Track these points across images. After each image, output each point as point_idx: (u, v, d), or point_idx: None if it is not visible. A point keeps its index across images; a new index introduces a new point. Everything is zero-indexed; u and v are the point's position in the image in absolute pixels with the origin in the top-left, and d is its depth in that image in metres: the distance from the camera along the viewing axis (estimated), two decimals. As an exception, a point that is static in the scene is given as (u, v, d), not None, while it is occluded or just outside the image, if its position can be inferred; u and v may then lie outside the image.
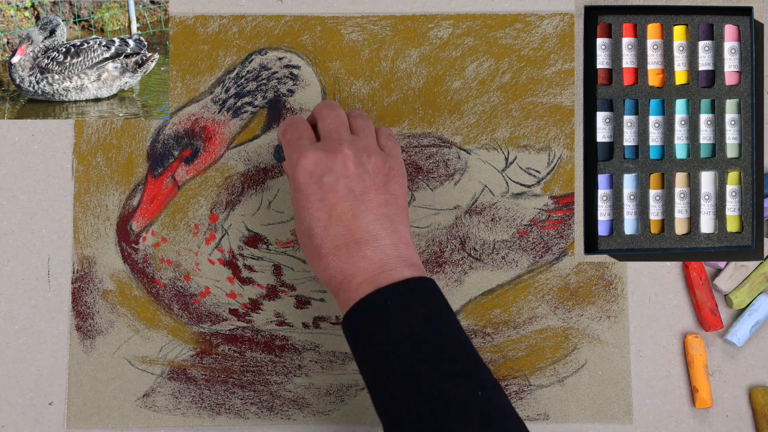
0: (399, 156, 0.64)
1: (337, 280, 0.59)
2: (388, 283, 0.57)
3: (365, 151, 0.61)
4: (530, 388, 0.72)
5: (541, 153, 0.75)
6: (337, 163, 0.60)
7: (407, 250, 0.60)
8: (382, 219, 0.60)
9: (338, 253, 0.59)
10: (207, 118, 0.75)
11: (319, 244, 0.60)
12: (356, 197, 0.60)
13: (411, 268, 0.59)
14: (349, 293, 0.58)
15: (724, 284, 0.73)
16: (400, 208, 0.61)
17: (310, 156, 0.60)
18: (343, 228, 0.59)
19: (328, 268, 0.59)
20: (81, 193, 0.74)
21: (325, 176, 0.60)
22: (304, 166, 0.60)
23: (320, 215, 0.60)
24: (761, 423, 0.71)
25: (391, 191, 0.61)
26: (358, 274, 0.58)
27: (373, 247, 0.59)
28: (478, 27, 0.76)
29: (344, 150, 0.60)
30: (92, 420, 0.71)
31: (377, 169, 0.61)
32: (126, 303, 0.73)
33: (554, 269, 0.73)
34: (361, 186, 0.60)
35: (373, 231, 0.59)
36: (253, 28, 0.76)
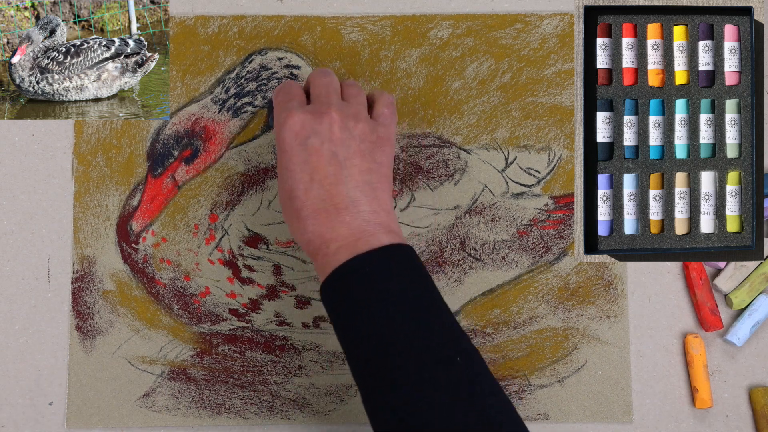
0: (391, 125, 0.64)
1: (315, 244, 0.59)
2: (366, 249, 0.57)
3: (353, 117, 0.61)
4: (530, 388, 0.72)
5: (541, 153, 0.75)
6: (323, 126, 0.60)
7: (387, 218, 0.60)
8: (363, 186, 0.60)
9: (317, 216, 0.59)
10: (207, 118, 0.75)
11: (299, 207, 0.60)
12: (339, 162, 0.60)
13: (389, 235, 0.59)
14: (327, 258, 0.58)
15: (724, 284, 0.73)
16: (383, 176, 0.61)
17: (296, 117, 0.60)
18: (323, 192, 0.59)
19: (306, 231, 0.59)
20: (81, 193, 0.74)
21: (309, 138, 0.60)
22: (290, 126, 0.60)
23: (302, 177, 0.60)
24: (761, 423, 0.71)
25: (376, 159, 0.61)
26: (336, 240, 0.58)
27: (352, 213, 0.59)
28: (478, 27, 0.76)
29: (331, 114, 0.60)
30: (92, 420, 0.71)
31: (363, 136, 0.61)
32: (126, 303, 0.73)
33: (554, 269, 0.73)
34: (345, 151, 0.60)
35: (354, 197, 0.59)
36: (253, 29, 0.76)
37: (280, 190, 0.62)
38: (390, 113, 0.64)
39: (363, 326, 0.56)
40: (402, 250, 0.58)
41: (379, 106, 0.64)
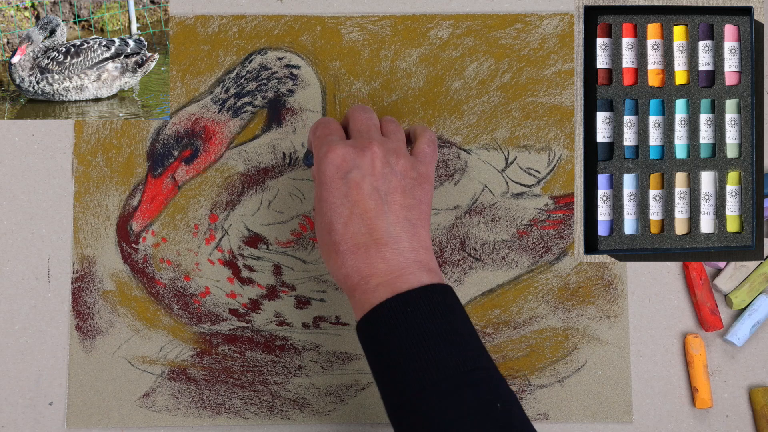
0: (431, 164, 0.63)
1: (353, 280, 0.58)
2: (406, 288, 0.56)
3: (395, 152, 0.61)
4: (530, 388, 0.72)
5: (541, 153, 0.75)
6: (365, 160, 0.59)
7: (426, 255, 0.59)
8: (403, 222, 0.59)
9: (356, 251, 0.58)
10: (207, 118, 0.75)
11: (338, 240, 0.59)
12: (380, 197, 0.59)
13: (429, 274, 0.58)
14: (366, 295, 0.58)
15: (724, 284, 0.73)
16: (423, 213, 0.61)
17: (338, 150, 0.60)
18: (363, 226, 0.58)
19: (345, 266, 0.59)
20: (81, 193, 0.74)
21: (351, 171, 0.59)
22: (332, 160, 0.59)
23: (342, 210, 0.59)
24: (761, 423, 0.71)
25: (416, 196, 0.60)
26: (375, 276, 0.57)
27: (392, 249, 0.58)
28: (478, 27, 0.76)
29: (373, 148, 0.60)
30: (92, 420, 0.71)
31: (404, 172, 0.60)
32: (126, 303, 0.73)
33: (554, 269, 0.73)
34: (387, 186, 0.59)
35: (394, 233, 0.59)
36: (253, 28, 0.76)
37: (317, 224, 0.61)
38: (431, 151, 0.64)
39: (400, 367, 0.55)
40: (442, 290, 0.58)
41: (420, 143, 0.64)
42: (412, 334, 0.55)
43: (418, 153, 0.63)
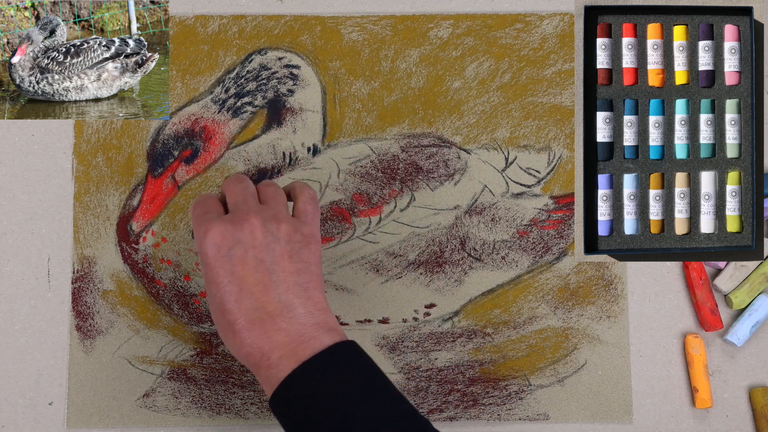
0: (314, 222, 0.62)
1: (255, 357, 0.57)
2: (309, 354, 0.55)
3: (274, 219, 0.59)
4: (530, 388, 0.72)
5: (541, 153, 0.75)
6: (244, 233, 0.58)
7: (324, 316, 0.58)
8: (295, 288, 0.58)
9: (252, 328, 0.57)
10: (207, 118, 0.75)
11: (232, 320, 0.57)
12: (267, 268, 0.58)
13: (330, 333, 0.57)
14: (270, 370, 0.56)
15: (724, 284, 0.73)
16: (313, 275, 0.59)
17: (216, 228, 0.58)
18: (255, 301, 0.57)
19: (244, 345, 0.57)
20: (81, 193, 0.74)
21: (233, 248, 0.58)
22: (211, 239, 0.58)
23: (231, 289, 0.57)
24: (761, 423, 0.71)
25: (303, 259, 0.59)
26: (276, 349, 0.56)
27: (287, 318, 0.57)
28: (478, 27, 0.76)
29: (251, 220, 0.58)
30: (92, 420, 0.71)
31: (288, 237, 0.59)
32: (126, 303, 0.73)
33: (554, 269, 0.73)
34: (271, 256, 0.58)
35: (287, 301, 0.57)
36: (253, 28, 0.76)
37: (210, 306, 0.59)
38: (312, 209, 0.62)
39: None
40: (346, 347, 0.57)
41: (300, 203, 0.62)
42: (327, 400, 0.54)
43: (300, 213, 0.61)
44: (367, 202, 0.74)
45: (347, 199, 0.74)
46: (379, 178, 0.74)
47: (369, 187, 0.74)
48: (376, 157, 0.74)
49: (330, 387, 0.54)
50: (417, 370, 0.72)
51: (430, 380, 0.72)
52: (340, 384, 0.55)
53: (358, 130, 0.75)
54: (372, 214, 0.74)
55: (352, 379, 0.55)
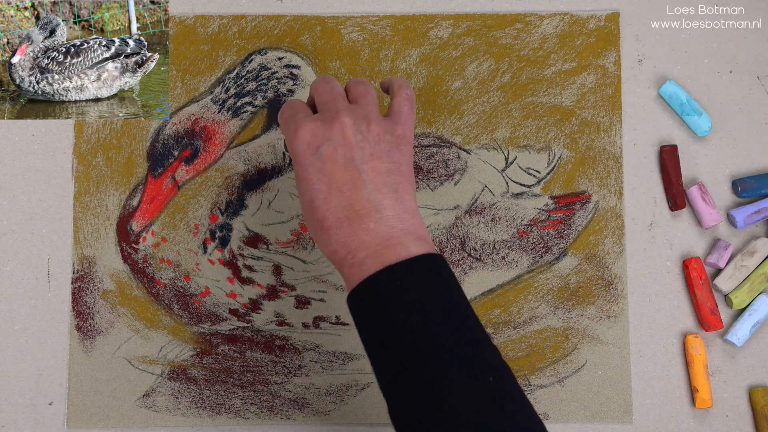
0: (408, 123, 0.61)
1: (340, 255, 0.57)
2: (395, 260, 0.55)
3: (365, 119, 0.59)
4: (530, 388, 0.72)
5: (541, 153, 0.75)
6: (334, 131, 0.58)
7: (413, 222, 0.58)
8: (384, 188, 0.58)
9: (340, 225, 0.57)
10: (207, 118, 0.75)
11: (320, 218, 0.58)
12: (356, 167, 0.57)
13: (417, 242, 0.57)
14: (353, 269, 0.56)
15: (724, 284, 0.73)
16: (404, 175, 0.59)
17: (306, 126, 0.58)
18: (344, 199, 0.57)
19: (331, 242, 0.57)
20: (81, 193, 0.74)
21: (322, 146, 0.58)
22: (301, 137, 0.58)
23: (320, 187, 0.58)
24: (761, 423, 0.71)
25: (394, 159, 0.59)
26: (361, 248, 0.56)
27: (376, 218, 0.57)
28: (478, 27, 0.76)
29: (341, 118, 0.58)
30: (92, 420, 0.71)
31: (378, 137, 0.59)
32: (126, 303, 0.73)
33: (554, 269, 0.73)
34: (361, 155, 0.58)
35: (376, 201, 0.57)
36: (253, 28, 0.76)
37: (301, 203, 0.60)
38: (408, 110, 0.61)
39: (393, 342, 0.54)
40: (432, 260, 0.56)
41: (396, 102, 0.61)
42: (404, 308, 0.54)
43: (394, 113, 0.61)
44: (367, 202, 0.74)
45: (347, 199, 0.74)
46: (379, 178, 0.74)
47: (369, 187, 0.74)
48: (376, 157, 0.74)
49: (409, 296, 0.54)
50: (417, 370, 0.72)
51: (430, 380, 0.72)
52: (420, 295, 0.54)
53: (358, 130, 0.75)
54: (372, 214, 0.74)
55: (431, 292, 0.55)
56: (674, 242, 0.74)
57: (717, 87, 0.76)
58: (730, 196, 0.75)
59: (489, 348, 0.55)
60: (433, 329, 0.54)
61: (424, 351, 0.53)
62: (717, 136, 0.75)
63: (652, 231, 0.74)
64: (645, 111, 0.76)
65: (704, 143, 0.75)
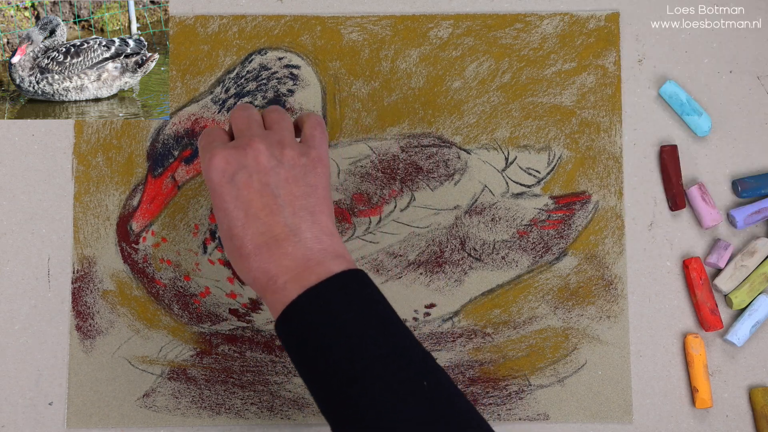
0: (321, 146, 0.61)
1: (262, 282, 0.57)
2: (315, 280, 0.55)
3: (279, 144, 0.59)
4: (530, 388, 0.72)
5: (541, 153, 0.75)
6: (248, 158, 0.58)
7: (331, 242, 0.58)
8: (300, 212, 0.58)
9: (259, 252, 0.57)
10: (207, 118, 0.75)
11: (239, 245, 0.57)
12: (271, 192, 0.58)
13: (337, 261, 0.57)
14: (276, 295, 0.56)
15: (724, 284, 0.73)
16: (320, 198, 0.59)
17: (220, 154, 0.58)
18: (261, 225, 0.57)
19: (252, 269, 0.57)
20: (81, 193, 0.74)
21: (237, 173, 0.58)
22: (216, 165, 0.58)
23: (237, 214, 0.58)
24: (761, 423, 0.71)
25: (310, 182, 0.59)
26: (282, 274, 0.56)
27: (294, 242, 0.57)
28: (478, 27, 0.76)
29: (255, 145, 0.58)
30: (92, 420, 0.71)
31: (293, 161, 0.59)
32: (126, 303, 0.73)
33: (554, 269, 0.73)
34: (276, 179, 0.58)
35: (293, 225, 0.57)
36: (253, 28, 0.76)
37: (219, 232, 0.59)
38: (320, 133, 0.62)
39: (323, 363, 0.54)
40: (353, 276, 0.56)
41: (307, 128, 0.62)
42: (330, 328, 0.54)
43: (307, 137, 0.61)
44: (367, 202, 0.74)
45: (347, 199, 0.74)
46: (379, 178, 0.74)
47: (369, 187, 0.74)
48: (376, 157, 0.74)
49: (334, 314, 0.54)
50: (417, 370, 0.72)
51: (430, 380, 0.72)
52: (345, 312, 0.54)
53: (358, 130, 0.75)
54: (372, 214, 0.74)
55: (356, 307, 0.55)
56: (674, 242, 0.74)
57: (717, 87, 0.76)
58: (730, 196, 0.75)
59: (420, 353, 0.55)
60: (361, 348, 0.54)
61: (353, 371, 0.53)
62: (717, 136, 0.75)
63: (652, 231, 0.74)
64: (645, 111, 0.76)
65: (704, 143, 0.75)
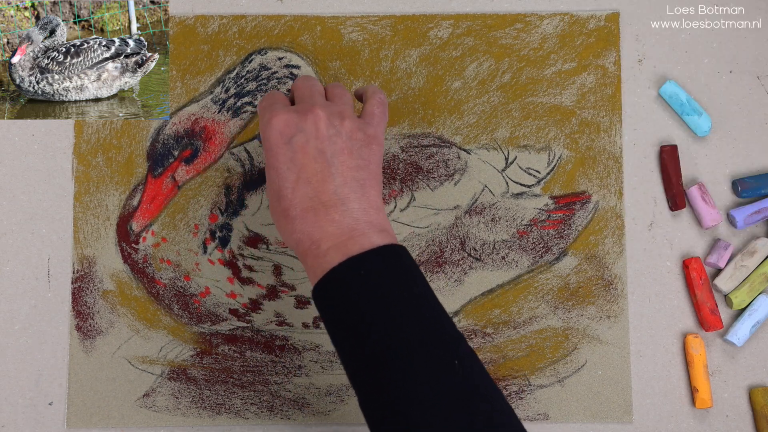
0: (380, 125, 0.62)
1: (305, 245, 0.58)
2: (358, 250, 0.56)
3: (338, 115, 0.60)
4: (530, 388, 0.72)
5: (541, 153, 0.75)
6: (308, 123, 0.59)
7: (377, 216, 0.59)
8: (351, 183, 0.59)
9: (306, 216, 0.58)
10: (207, 118, 0.75)
11: (287, 207, 0.58)
12: (326, 159, 0.59)
13: (381, 234, 0.57)
14: (318, 259, 0.57)
15: (724, 284, 0.73)
16: (371, 173, 0.60)
17: (281, 115, 0.60)
18: (311, 190, 0.58)
19: (296, 231, 0.58)
20: (81, 193, 0.74)
21: (295, 136, 0.59)
22: (275, 125, 0.59)
23: (289, 176, 0.59)
24: (761, 423, 0.71)
25: (364, 156, 0.60)
26: (325, 239, 0.57)
27: (341, 210, 0.58)
28: (478, 27, 0.76)
29: (316, 111, 0.60)
30: (92, 420, 0.71)
31: (350, 133, 0.60)
32: (126, 303, 0.73)
33: (554, 269, 0.73)
34: (332, 148, 0.59)
35: (342, 194, 0.58)
36: (253, 28, 0.76)
37: (268, 191, 0.61)
38: (380, 113, 0.63)
39: (358, 332, 0.55)
40: (395, 251, 0.57)
41: (369, 105, 0.63)
42: (368, 298, 0.55)
43: (367, 114, 0.63)
44: (367, 202, 0.74)
45: (347, 199, 0.74)
46: (379, 178, 0.74)
47: (369, 187, 0.74)
48: (376, 157, 0.74)
49: (373, 285, 0.55)
50: (417, 370, 0.72)
51: (430, 380, 0.72)
52: (382, 285, 0.55)
53: (358, 130, 0.75)
54: (372, 214, 0.74)
55: (394, 281, 0.56)
56: (674, 242, 0.74)
57: (717, 87, 0.76)
58: (730, 196, 0.75)
59: (455, 334, 0.56)
60: (395, 321, 0.54)
61: (386, 343, 0.54)
62: (717, 136, 0.75)
63: (652, 231, 0.74)
64: (645, 111, 0.76)
65: (704, 143, 0.75)
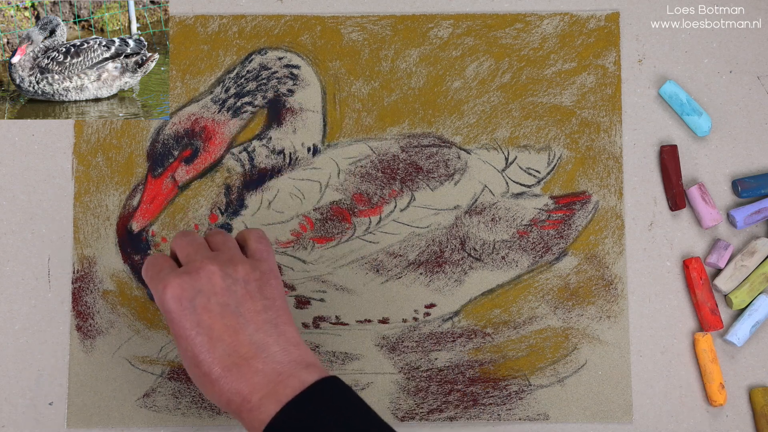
0: (270, 258, 0.61)
1: (236, 402, 0.56)
2: (291, 394, 0.55)
3: (230, 262, 0.59)
4: (530, 388, 0.72)
5: (541, 153, 0.75)
6: (203, 281, 0.57)
7: (298, 352, 0.58)
8: (264, 326, 0.58)
9: (229, 374, 0.56)
10: (207, 118, 0.75)
11: (207, 370, 0.57)
12: (232, 311, 0.57)
13: (308, 370, 0.56)
14: (252, 413, 0.55)
15: (724, 284, 0.73)
16: (279, 309, 0.59)
17: (173, 281, 0.57)
18: (227, 347, 0.57)
19: (223, 392, 0.56)
20: (81, 193, 0.74)
21: (194, 299, 0.57)
22: (171, 294, 0.57)
23: (201, 340, 0.57)
24: (761, 423, 0.71)
25: (267, 295, 0.59)
26: (255, 391, 0.55)
27: (263, 358, 0.56)
28: (478, 27, 0.76)
29: (207, 267, 0.58)
30: (92, 420, 0.71)
31: (246, 277, 0.59)
32: (126, 303, 0.73)
33: (554, 269, 0.73)
34: (234, 299, 0.58)
35: (259, 341, 0.57)
36: (253, 28, 0.76)
37: (183, 360, 0.58)
38: (265, 247, 0.62)
39: None
40: (329, 384, 0.56)
41: (251, 243, 0.62)
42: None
43: (254, 252, 0.61)
44: (367, 202, 0.74)
45: (347, 199, 0.74)
46: (379, 178, 0.74)
47: (369, 187, 0.74)
48: (376, 157, 0.75)
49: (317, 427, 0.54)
50: (417, 370, 0.72)
51: (430, 380, 0.72)
52: (327, 422, 0.54)
53: (358, 130, 0.75)
54: (372, 214, 0.74)
55: (336, 417, 0.55)
56: (674, 242, 0.74)
57: (717, 87, 0.76)
58: (730, 196, 0.75)
59: None
60: None
61: None
62: (717, 136, 0.75)
63: (652, 231, 0.74)
64: (645, 111, 0.76)
65: (704, 143, 0.75)
